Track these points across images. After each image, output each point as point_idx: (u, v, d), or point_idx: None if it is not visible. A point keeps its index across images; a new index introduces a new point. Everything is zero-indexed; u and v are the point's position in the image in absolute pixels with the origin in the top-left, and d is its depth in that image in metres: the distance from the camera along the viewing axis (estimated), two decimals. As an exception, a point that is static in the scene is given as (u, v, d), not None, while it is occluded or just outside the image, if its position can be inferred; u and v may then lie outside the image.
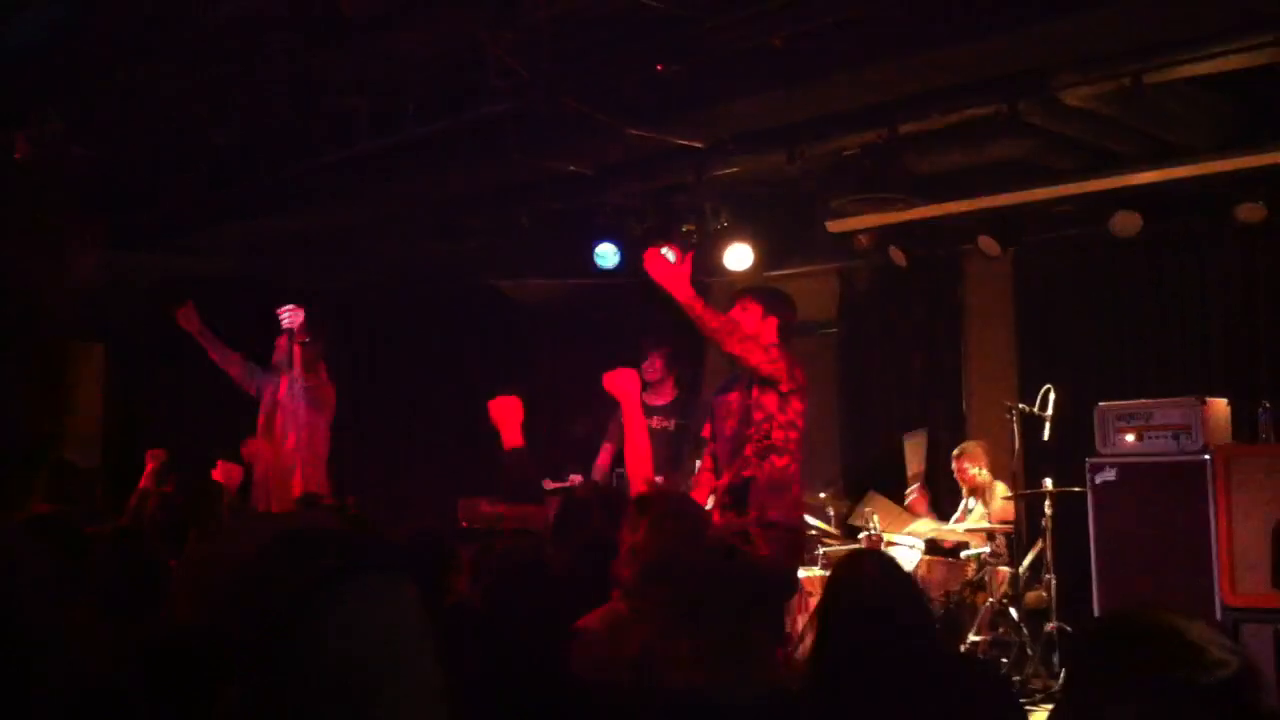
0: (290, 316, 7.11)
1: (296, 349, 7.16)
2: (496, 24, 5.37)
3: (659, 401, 7.63)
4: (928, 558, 7.94)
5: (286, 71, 5.90)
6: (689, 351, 10.02)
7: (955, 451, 8.42)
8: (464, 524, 6.79)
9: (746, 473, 5.49)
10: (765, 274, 9.54)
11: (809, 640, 3.21)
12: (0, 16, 5.45)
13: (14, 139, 6.85)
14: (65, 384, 9.77)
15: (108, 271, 9.46)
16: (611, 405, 7.25)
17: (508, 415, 5.77)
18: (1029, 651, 7.21)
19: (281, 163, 7.47)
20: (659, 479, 6.90)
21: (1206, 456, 6.60)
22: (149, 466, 7.39)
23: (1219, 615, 6.39)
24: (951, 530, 8.15)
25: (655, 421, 7.50)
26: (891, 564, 3.24)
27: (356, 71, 6.08)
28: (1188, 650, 1.94)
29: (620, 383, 5.88)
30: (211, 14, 5.48)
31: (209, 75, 6.27)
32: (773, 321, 5.87)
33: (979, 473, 8.23)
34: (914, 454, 8.84)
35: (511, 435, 5.73)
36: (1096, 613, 6.88)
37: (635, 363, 7.78)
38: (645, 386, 7.53)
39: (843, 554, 5.40)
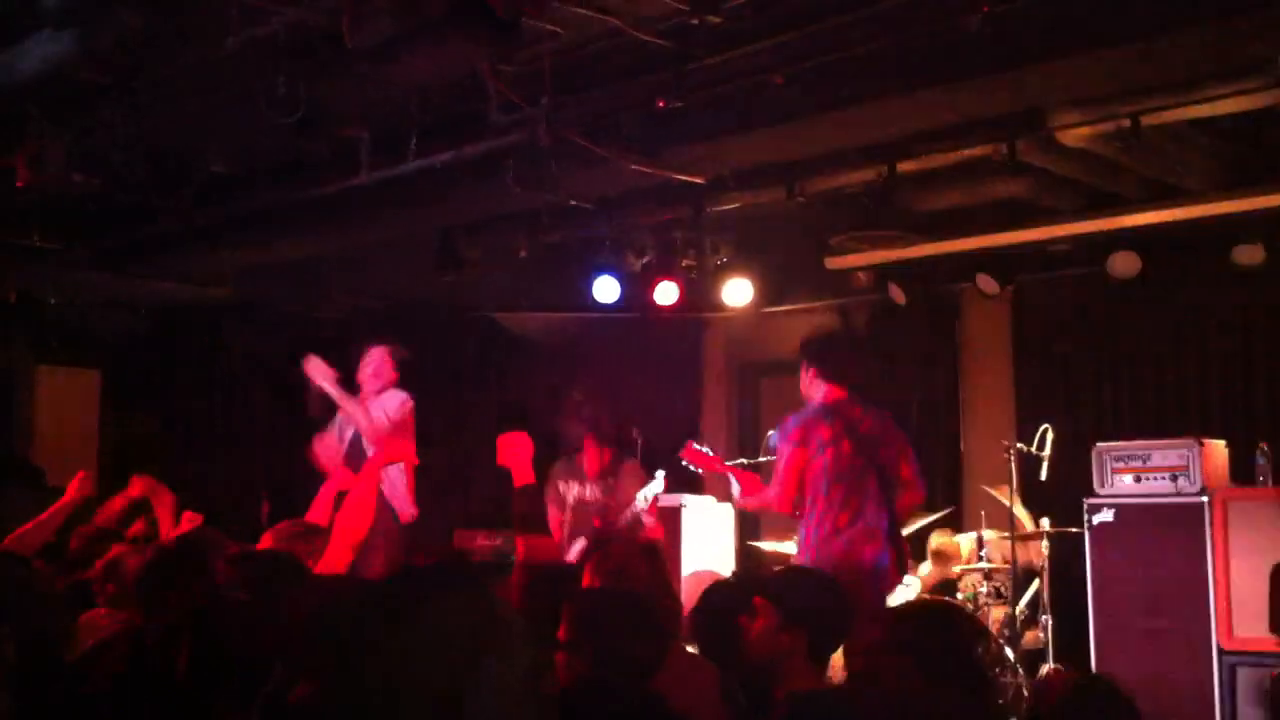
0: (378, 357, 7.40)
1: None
2: (498, 57, 5.38)
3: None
4: (926, 596, 7.91)
5: (288, 100, 5.91)
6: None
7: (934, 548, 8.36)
8: (458, 556, 6.79)
9: None
10: (764, 309, 9.57)
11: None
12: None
13: (15, 165, 6.86)
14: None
15: (104, 296, 9.49)
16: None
17: (517, 451, 5.77)
18: (1025, 693, 7.17)
19: (280, 190, 7.49)
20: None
21: (1204, 498, 6.59)
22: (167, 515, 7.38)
23: (1215, 658, 6.37)
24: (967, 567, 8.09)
25: (588, 491, 7.72)
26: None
27: (358, 101, 6.09)
28: None
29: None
30: (215, 42, 5.49)
31: (210, 102, 6.28)
32: (813, 371, 6.20)
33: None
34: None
35: (523, 472, 5.76)
36: (1093, 654, 6.86)
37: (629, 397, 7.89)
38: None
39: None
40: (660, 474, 7.63)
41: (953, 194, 7.29)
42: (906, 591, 7.84)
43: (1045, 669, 7.19)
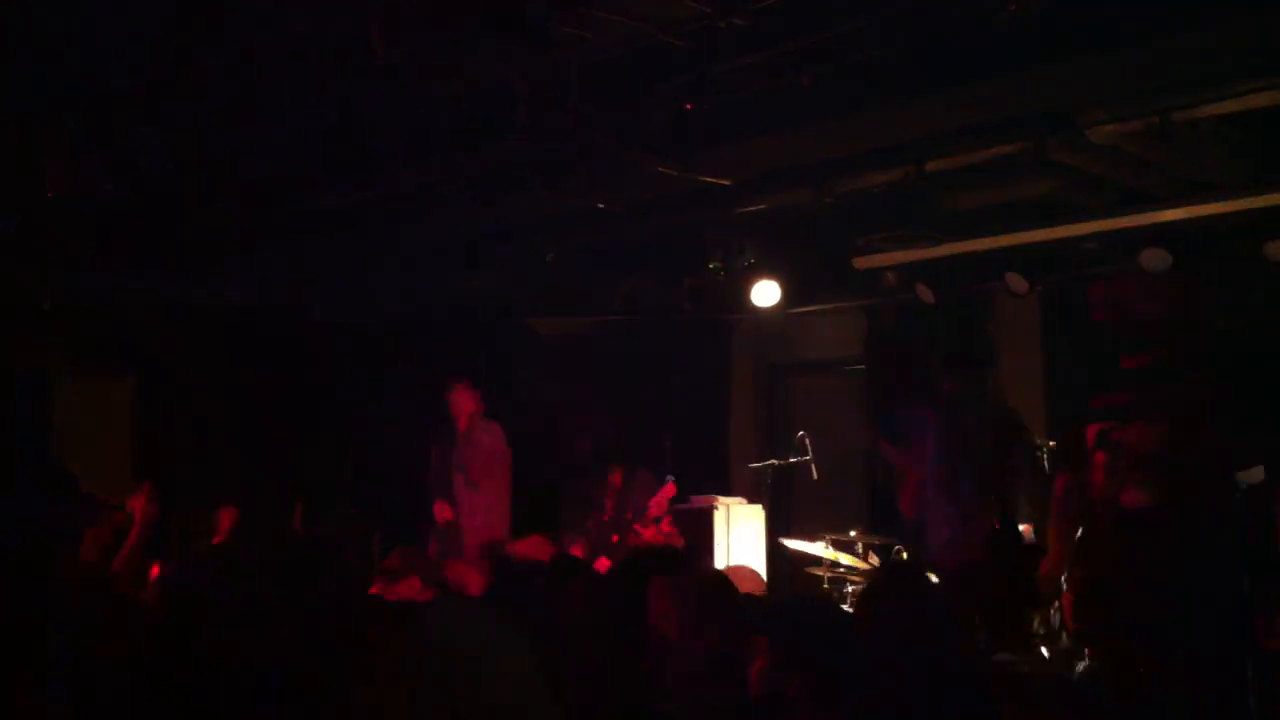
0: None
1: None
2: (526, 62, 5.42)
3: None
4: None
5: (319, 107, 5.96)
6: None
7: None
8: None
9: None
10: (791, 310, 9.57)
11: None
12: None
13: (46, 174, 6.92)
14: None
15: (137, 303, 9.54)
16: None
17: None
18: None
19: (311, 196, 7.54)
20: None
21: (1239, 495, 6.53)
22: (225, 524, 7.53)
23: (1253, 660, 6.31)
24: None
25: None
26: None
27: (388, 108, 6.13)
28: None
29: None
30: (245, 50, 5.54)
31: (241, 109, 6.33)
32: None
33: None
34: None
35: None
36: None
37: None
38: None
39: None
40: (669, 478, 7.70)
41: (982, 193, 7.27)
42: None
43: (1080, 664, 7.18)
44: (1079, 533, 5.53)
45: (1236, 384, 5.40)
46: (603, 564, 7.66)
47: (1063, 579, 5.65)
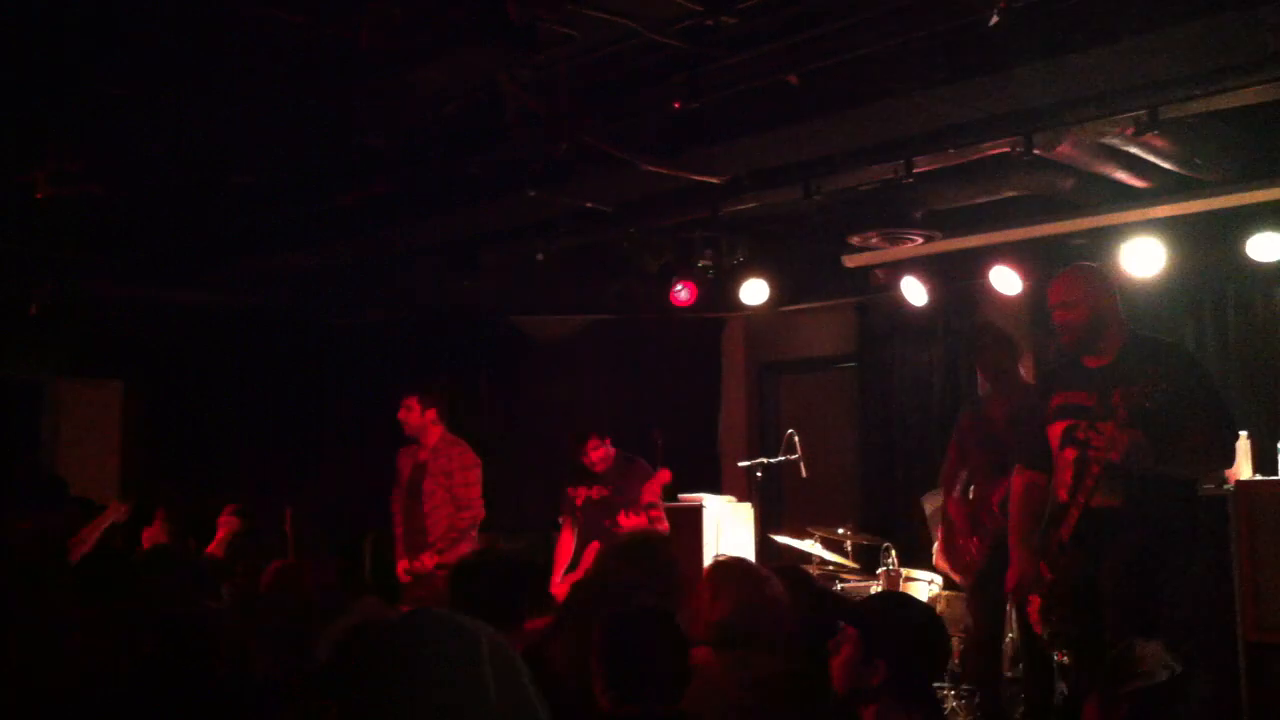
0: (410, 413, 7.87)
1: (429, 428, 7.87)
2: (515, 63, 5.40)
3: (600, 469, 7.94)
4: (946, 593, 7.89)
5: (309, 110, 5.94)
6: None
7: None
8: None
9: None
10: (781, 308, 9.57)
11: None
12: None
13: (35, 178, 6.90)
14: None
15: (127, 308, 9.51)
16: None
17: None
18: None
19: (301, 199, 7.52)
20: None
21: (1228, 491, 6.56)
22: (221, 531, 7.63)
23: (1241, 652, 6.34)
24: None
25: (595, 491, 7.76)
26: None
27: (377, 111, 6.11)
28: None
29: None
30: (235, 52, 5.52)
31: (231, 112, 6.31)
32: None
33: None
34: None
35: None
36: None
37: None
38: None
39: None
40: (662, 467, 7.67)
41: (970, 190, 7.28)
42: (929, 589, 7.83)
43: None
44: (1042, 533, 5.45)
45: (1208, 387, 5.39)
46: (594, 548, 7.61)
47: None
